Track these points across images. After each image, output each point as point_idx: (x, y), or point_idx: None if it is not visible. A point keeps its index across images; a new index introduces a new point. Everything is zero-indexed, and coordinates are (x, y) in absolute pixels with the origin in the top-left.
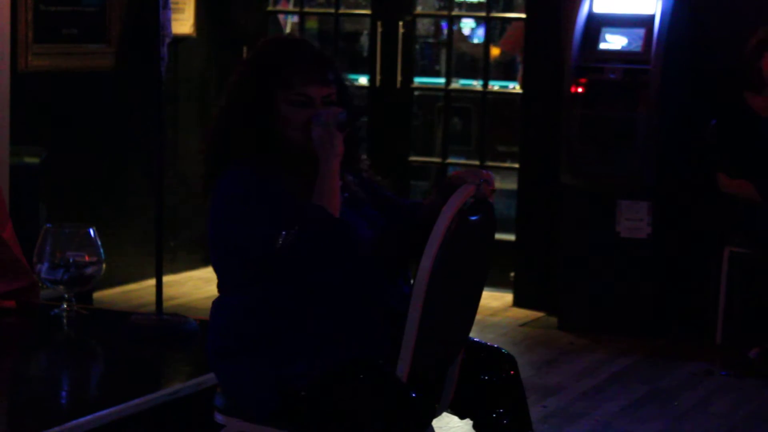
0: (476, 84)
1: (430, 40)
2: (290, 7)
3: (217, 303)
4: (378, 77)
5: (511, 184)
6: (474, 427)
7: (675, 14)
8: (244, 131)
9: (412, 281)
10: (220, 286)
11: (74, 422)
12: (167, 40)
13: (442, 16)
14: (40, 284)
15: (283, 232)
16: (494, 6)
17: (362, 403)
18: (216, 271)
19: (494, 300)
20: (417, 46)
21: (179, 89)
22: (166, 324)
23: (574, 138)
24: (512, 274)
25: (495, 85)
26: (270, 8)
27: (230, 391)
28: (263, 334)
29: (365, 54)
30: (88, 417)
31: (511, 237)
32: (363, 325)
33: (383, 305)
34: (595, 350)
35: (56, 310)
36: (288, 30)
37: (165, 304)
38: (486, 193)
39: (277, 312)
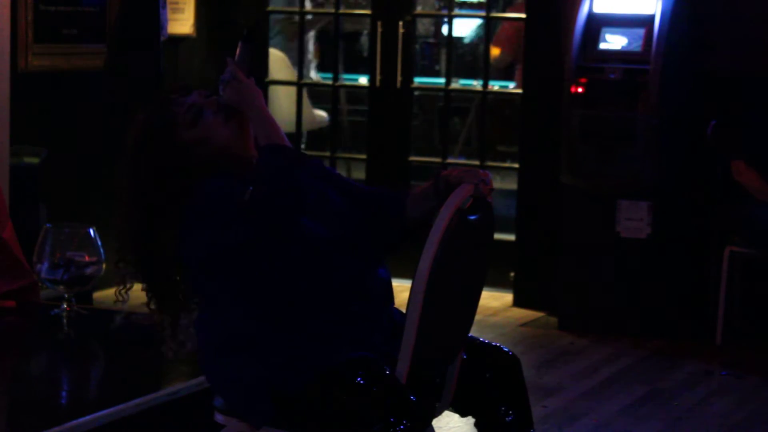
0: (476, 84)
1: (430, 40)
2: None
3: (199, 320)
4: (378, 77)
5: (511, 184)
6: (475, 425)
7: (675, 14)
8: (171, 196)
9: (412, 280)
10: (200, 306)
11: (74, 422)
12: (161, 40)
13: (442, 16)
14: (40, 284)
15: (250, 188)
16: (494, 6)
17: (360, 404)
18: (195, 291)
19: (494, 300)
20: (417, 46)
21: None
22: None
23: (574, 138)
24: (512, 274)
25: (495, 85)
26: (270, 8)
27: (227, 400)
28: (250, 341)
29: (365, 54)
30: (88, 417)
31: (511, 237)
32: (350, 322)
33: (366, 297)
34: (595, 350)
35: (56, 310)
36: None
37: None
38: (484, 192)
39: (261, 318)
